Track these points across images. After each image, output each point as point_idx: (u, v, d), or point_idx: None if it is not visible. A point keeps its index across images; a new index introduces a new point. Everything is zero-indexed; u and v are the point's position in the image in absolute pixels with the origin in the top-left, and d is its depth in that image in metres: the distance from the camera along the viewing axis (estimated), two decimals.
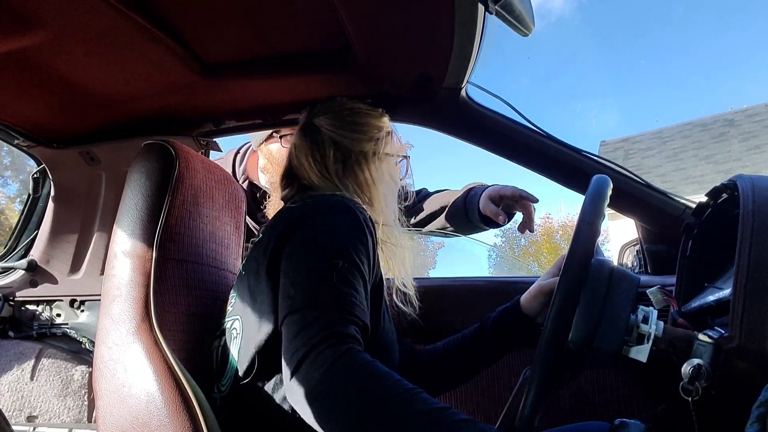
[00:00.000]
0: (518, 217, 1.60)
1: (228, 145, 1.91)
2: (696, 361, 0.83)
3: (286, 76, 1.45)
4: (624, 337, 0.86)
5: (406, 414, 0.79)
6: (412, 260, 1.27)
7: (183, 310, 1.14)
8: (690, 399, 0.81)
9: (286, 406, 0.98)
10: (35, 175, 2.02)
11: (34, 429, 1.83)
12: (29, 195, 2.06)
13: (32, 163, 2.00)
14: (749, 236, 0.84)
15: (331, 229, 1.00)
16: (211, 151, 1.91)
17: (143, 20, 1.21)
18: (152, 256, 1.13)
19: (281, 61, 1.43)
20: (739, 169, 10.70)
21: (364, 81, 1.51)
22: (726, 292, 0.90)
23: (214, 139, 1.88)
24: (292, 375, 0.85)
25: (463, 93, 1.58)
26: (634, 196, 1.61)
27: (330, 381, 0.82)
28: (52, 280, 1.98)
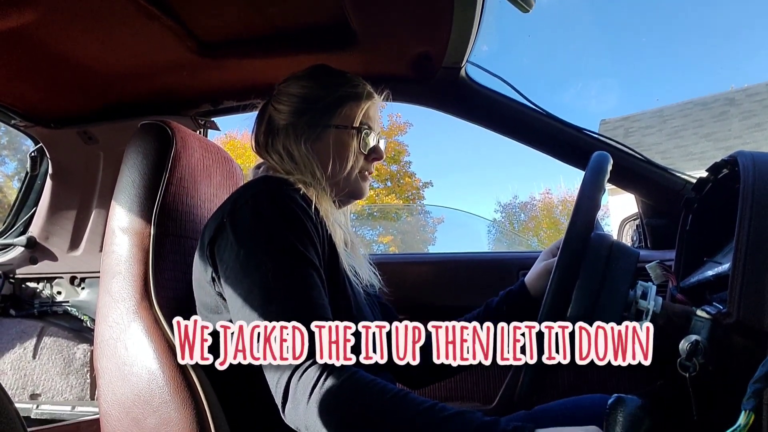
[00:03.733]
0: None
1: (227, 124, 1.90)
2: (694, 337, 0.83)
3: (285, 55, 1.44)
4: (623, 312, 0.87)
5: (397, 421, 0.80)
6: (351, 237, 1.20)
7: (182, 287, 1.14)
8: (687, 375, 0.82)
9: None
10: (33, 154, 2.01)
11: (37, 406, 1.85)
12: (27, 173, 2.05)
13: (29, 142, 1.99)
14: (749, 211, 0.83)
15: (263, 232, 0.94)
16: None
17: None
18: (150, 233, 1.13)
19: (280, 39, 1.42)
20: (740, 147, 10.44)
21: (364, 59, 1.50)
22: (725, 266, 0.90)
23: (213, 119, 1.88)
24: (283, 404, 0.85)
25: (462, 72, 1.57)
26: (634, 172, 1.62)
27: (318, 404, 0.81)
28: (52, 257, 1.98)
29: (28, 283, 2.02)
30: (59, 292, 1.99)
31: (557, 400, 1.20)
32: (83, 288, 1.98)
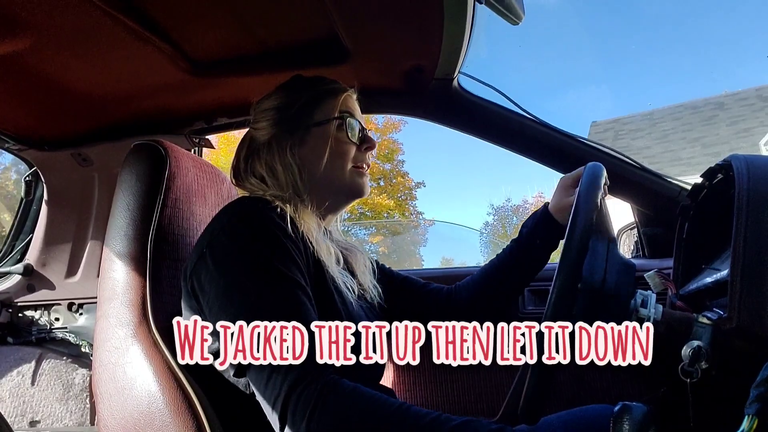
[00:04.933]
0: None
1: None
2: (695, 343, 0.83)
3: (277, 72, 1.44)
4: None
5: None
6: (346, 248, 1.20)
7: (180, 310, 1.13)
8: (689, 381, 0.81)
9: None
10: (27, 179, 2.01)
11: None
12: (22, 198, 2.04)
13: None
14: (745, 216, 0.84)
15: (241, 257, 0.92)
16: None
17: (130, 21, 1.20)
18: (147, 257, 1.12)
19: (271, 56, 1.42)
20: (727, 152, 10.48)
21: (355, 74, 1.51)
22: (723, 273, 0.90)
23: (207, 137, 1.88)
24: (281, 427, 0.83)
25: (455, 83, 1.58)
26: (629, 180, 1.62)
27: (319, 422, 0.80)
28: (49, 285, 1.97)
29: (26, 311, 2.01)
30: (57, 319, 1.98)
31: (561, 411, 1.19)
32: (81, 314, 1.96)
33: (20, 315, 2.00)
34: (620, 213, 1.73)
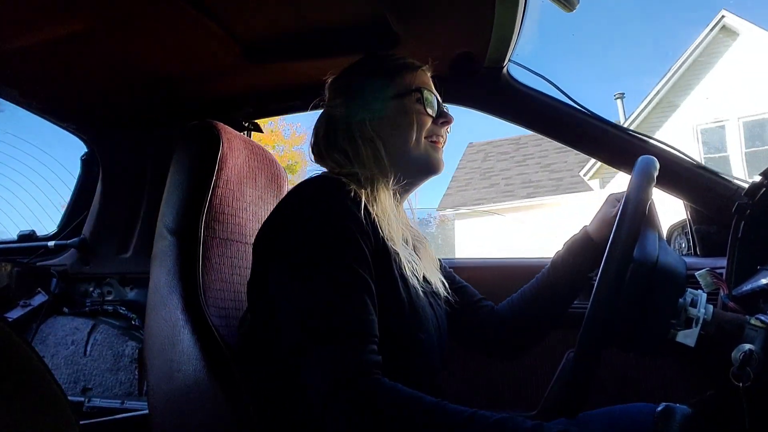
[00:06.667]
0: None
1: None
2: (747, 346, 0.80)
3: (326, 57, 1.45)
4: (671, 321, 0.84)
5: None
6: (415, 235, 1.18)
7: (229, 288, 1.16)
8: (741, 385, 0.79)
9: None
10: (84, 157, 2.09)
11: (88, 400, 1.90)
12: (79, 176, 2.12)
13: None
14: None
15: (309, 243, 0.92)
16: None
17: (184, 3, 1.22)
18: (198, 236, 1.15)
19: (320, 41, 1.43)
20: (569, 179, 12.61)
21: None
22: None
23: (256, 121, 1.90)
24: (322, 415, 0.84)
25: (504, 72, 1.56)
26: (682, 176, 1.56)
27: (357, 420, 0.81)
28: (103, 259, 2.04)
29: (80, 283, 2.09)
30: (110, 292, 2.05)
31: (602, 408, 1.17)
32: (132, 288, 2.03)
33: (75, 286, 2.08)
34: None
